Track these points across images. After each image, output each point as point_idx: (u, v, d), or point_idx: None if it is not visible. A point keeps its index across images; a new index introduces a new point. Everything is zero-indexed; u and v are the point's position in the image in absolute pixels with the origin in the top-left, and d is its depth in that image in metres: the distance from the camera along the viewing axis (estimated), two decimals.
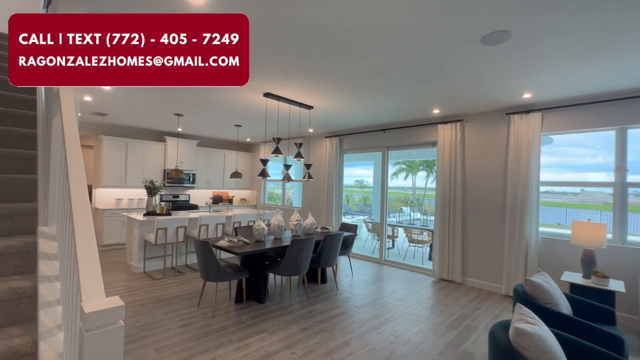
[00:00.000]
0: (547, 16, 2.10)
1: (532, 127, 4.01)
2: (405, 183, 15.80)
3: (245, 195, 9.17)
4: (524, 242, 4.00)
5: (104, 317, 0.76)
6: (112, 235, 6.18)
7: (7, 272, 1.60)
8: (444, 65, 2.95)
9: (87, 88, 4.09)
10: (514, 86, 3.48)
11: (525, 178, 4.02)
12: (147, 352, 2.53)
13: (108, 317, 0.77)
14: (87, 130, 6.44)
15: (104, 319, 0.76)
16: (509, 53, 2.66)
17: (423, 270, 5.26)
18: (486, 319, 3.41)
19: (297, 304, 3.67)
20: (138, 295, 3.77)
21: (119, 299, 0.81)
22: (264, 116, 5.12)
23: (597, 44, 2.46)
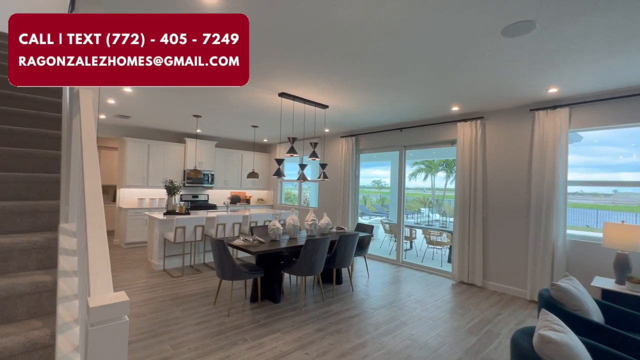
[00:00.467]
0: (574, 3, 1.97)
1: (558, 124, 3.81)
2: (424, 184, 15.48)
3: (262, 196, 9.26)
4: (550, 245, 3.80)
5: (108, 312, 0.76)
6: (135, 233, 6.40)
7: (31, 267, 1.66)
8: (463, 60, 2.85)
9: (111, 92, 4.25)
10: (539, 81, 3.31)
11: (552, 177, 3.82)
12: (164, 347, 2.58)
13: (112, 312, 0.76)
14: (112, 133, 6.70)
15: (108, 313, 0.76)
16: (533, 45, 2.52)
17: (442, 273, 5.10)
18: (509, 324, 3.26)
19: (311, 304, 3.65)
20: (158, 292, 3.86)
21: (125, 295, 0.81)
22: (279, 116, 5.14)
23: (629, 33, 2.29)
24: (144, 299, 3.64)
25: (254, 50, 2.80)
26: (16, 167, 2.21)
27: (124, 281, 4.25)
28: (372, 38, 2.50)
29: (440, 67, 3.04)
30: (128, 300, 0.79)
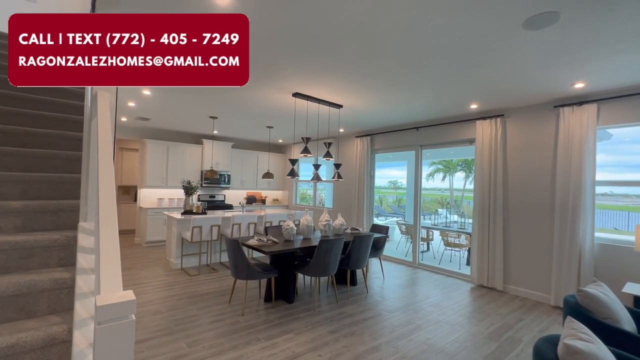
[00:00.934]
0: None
1: (585, 121, 3.61)
2: (442, 184, 15.15)
3: (277, 196, 9.32)
4: (576, 248, 3.61)
5: (115, 310, 0.76)
6: (154, 232, 6.57)
7: (52, 264, 1.72)
8: (482, 55, 2.74)
9: (130, 95, 4.38)
10: (564, 75, 3.15)
11: (578, 178, 3.62)
12: (180, 345, 2.62)
13: (119, 311, 0.76)
14: (133, 134, 6.92)
15: (115, 312, 0.76)
16: (557, 37, 2.40)
17: (460, 276, 4.96)
18: (531, 331, 3.11)
19: (325, 305, 3.62)
20: (175, 290, 3.94)
21: (132, 293, 0.81)
22: (294, 117, 5.15)
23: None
24: (162, 296, 3.72)
25: (267, 50, 2.81)
26: (41, 167, 2.30)
27: (143, 279, 4.36)
28: (387, 35, 2.45)
29: (458, 63, 2.94)
30: (134, 300, 0.79)
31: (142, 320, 3.05)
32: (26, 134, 2.40)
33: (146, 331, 2.83)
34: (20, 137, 2.38)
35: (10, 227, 1.79)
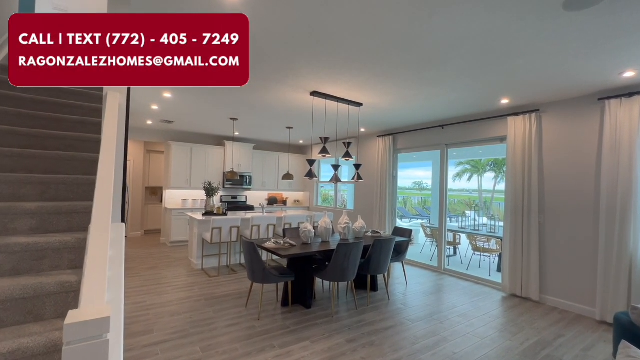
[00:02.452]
0: None
1: (636, 114, 3.22)
2: (470, 185, 14.49)
3: (298, 197, 9.27)
4: (626, 256, 3.22)
5: (86, 329, 0.68)
6: (178, 233, 6.72)
7: (63, 266, 1.72)
8: (514, 43, 2.50)
9: (153, 97, 4.47)
10: (610, 63, 2.81)
11: (628, 177, 3.24)
12: (194, 349, 2.58)
13: (90, 329, 0.68)
14: (159, 137, 7.13)
15: (85, 331, 0.68)
16: (603, 19, 2.11)
17: (490, 284, 4.62)
18: (573, 349, 2.79)
19: (344, 312, 3.47)
20: (194, 292, 3.95)
21: (108, 309, 0.73)
22: (312, 117, 5.05)
23: None
24: (181, 297, 3.74)
25: (281, 47, 2.72)
26: (62, 169, 2.34)
27: (164, 279, 4.43)
28: (406, 25, 2.28)
29: (487, 54, 2.70)
30: (108, 317, 0.71)
31: (159, 321, 3.06)
32: (48, 137, 2.46)
33: (162, 333, 2.83)
34: (43, 140, 2.44)
35: (25, 228, 1.81)
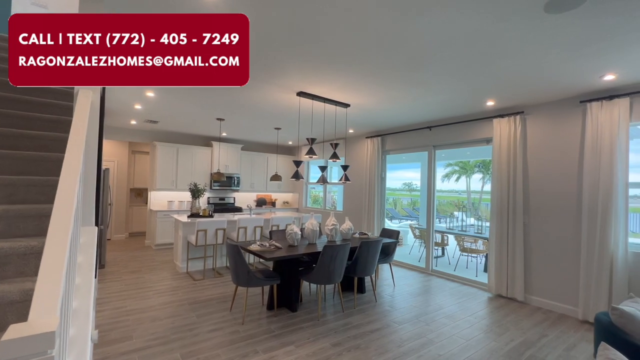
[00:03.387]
0: None
1: (616, 117, 3.28)
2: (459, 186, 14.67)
3: (287, 198, 9.20)
4: (607, 256, 3.27)
5: (26, 345, 0.62)
6: (164, 235, 6.57)
7: (29, 272, 1.62)
8: (499, 45, 2.50)
9: (135, 97, 4.35)
10: (591, 66, 2.85)
11: (608, 179, 3.30)
12: (174, 356, 2.50)
13: (30, 346, 0.62)
14: (143, 137, 6.96)
15: (25, 348, 0.62)
16: (584, 22, 2.14)
17: (477, 284, 4.65)
18: (556, 349, 2.82)
19: (331, 314, 3.43)
20: (177, 296, 3.85)
21: (53, 324, 0.67)
22: (299, 117, 5.00)
23: None
24: (163, 301, 3.63)
25: (267, 48, 2.67)
26: (33, 170, 2.23)
27: (148, 283, 4.31)
28: (391, 25, 2.26)
29: (472, 56, 2.71)
30: (53, 332, 0.65)
31: (139, 327, 2.96)
32: (20, 136, 2.35)
33: (142, 339, 2.73)
34: (14, 140, 2.33)
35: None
